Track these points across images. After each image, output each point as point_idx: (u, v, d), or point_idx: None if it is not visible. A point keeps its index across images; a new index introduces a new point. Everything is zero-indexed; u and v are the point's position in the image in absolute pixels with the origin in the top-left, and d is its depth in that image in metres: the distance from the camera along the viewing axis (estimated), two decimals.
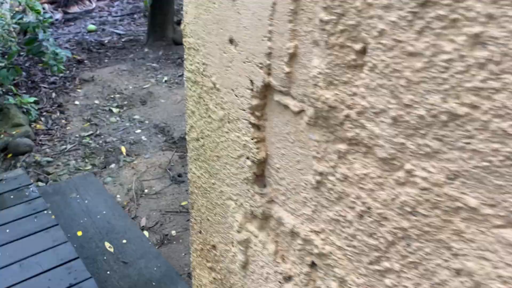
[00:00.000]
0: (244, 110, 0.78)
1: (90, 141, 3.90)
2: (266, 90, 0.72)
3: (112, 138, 3.96)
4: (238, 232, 0.88)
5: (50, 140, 3.90)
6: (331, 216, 0.64)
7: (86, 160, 3.62)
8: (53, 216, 2.29)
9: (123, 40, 6.86)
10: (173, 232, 2.86)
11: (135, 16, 8.57)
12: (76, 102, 4.62)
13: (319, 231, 0.67)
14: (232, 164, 0.85)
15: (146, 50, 6.21)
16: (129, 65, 5.69)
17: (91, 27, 7.42)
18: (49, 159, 3.61)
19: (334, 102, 0.56)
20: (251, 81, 0.74)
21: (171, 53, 6.11)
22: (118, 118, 4.33)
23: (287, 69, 0.65)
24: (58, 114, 4.35)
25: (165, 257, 2.50)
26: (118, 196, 3.20)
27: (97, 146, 3.82)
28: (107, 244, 2.43)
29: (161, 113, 4.46)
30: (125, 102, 4.65)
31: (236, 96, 0.79)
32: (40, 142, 3.85)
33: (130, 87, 5.01)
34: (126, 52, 6.19)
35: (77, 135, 3.99)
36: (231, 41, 0.76)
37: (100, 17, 8.41)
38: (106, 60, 5.87)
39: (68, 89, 4.88)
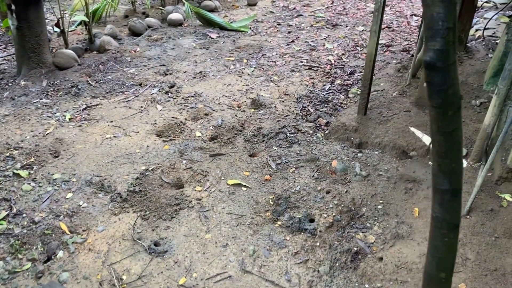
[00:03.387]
0: None
1: (11, 226, 2.92)
2: None
3: (40, 214, 3.03)
4: None
5: None
6: None
7: (19, 256, 2.69)
8: None
9: None
10: None
11: None
12: None
13: None
14: None
15: (22, 83, 5.02)
16: (10, 107, 4.52)
17: None
18: None
19: None
20: None
21: (58, 81, 5.04)
22: (33, 184, 3.35)
23: None
24: None
25: None
26: None
27: (25, 231, 2.88)
28: None
29: (86, 164, 3.59)
30: (32, 159, 3.64)
31: None
32: None
33: (28, 137, 3.95)
34: None
35: None
36: None
37: None
38: None
39: None
